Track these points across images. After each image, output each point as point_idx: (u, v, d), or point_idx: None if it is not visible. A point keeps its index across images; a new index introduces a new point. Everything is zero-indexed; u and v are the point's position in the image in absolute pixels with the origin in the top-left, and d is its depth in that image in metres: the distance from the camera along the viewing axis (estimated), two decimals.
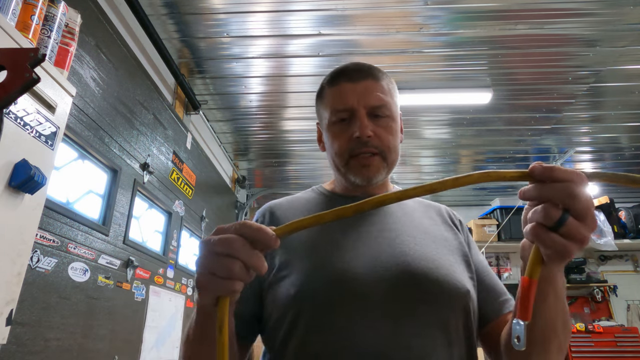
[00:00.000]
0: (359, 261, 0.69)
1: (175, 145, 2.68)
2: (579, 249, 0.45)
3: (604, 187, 4.81)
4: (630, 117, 3.37)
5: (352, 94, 0.77)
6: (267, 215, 0.83)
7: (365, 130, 0.74)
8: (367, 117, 0.76)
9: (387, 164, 0.79)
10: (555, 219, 0.44)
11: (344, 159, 0.78)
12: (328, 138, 0.81)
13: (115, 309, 1.86)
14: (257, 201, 5.19)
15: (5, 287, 0.97)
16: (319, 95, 0.86)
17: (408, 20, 2.36)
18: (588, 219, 0.44)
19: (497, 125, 3.53)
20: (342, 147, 0.77)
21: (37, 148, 1.07)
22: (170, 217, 2.59)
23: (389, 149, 0.78)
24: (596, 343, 4.05)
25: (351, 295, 0.66)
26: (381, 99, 0.77)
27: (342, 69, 0.82)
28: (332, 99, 0.80)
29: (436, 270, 0.68)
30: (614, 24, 2.38)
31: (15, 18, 1.06)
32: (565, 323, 0.59)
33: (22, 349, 1.29)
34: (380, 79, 0.80)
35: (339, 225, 0.76)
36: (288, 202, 0.87)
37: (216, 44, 2.57)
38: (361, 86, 0.78)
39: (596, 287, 4.70)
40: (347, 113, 0.77)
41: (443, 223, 0.81)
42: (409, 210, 0.81)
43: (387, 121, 0.78)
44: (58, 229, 1.49)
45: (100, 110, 1.81)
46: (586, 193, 0.44)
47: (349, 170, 0.78)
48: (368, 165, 0.76)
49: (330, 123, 0.80)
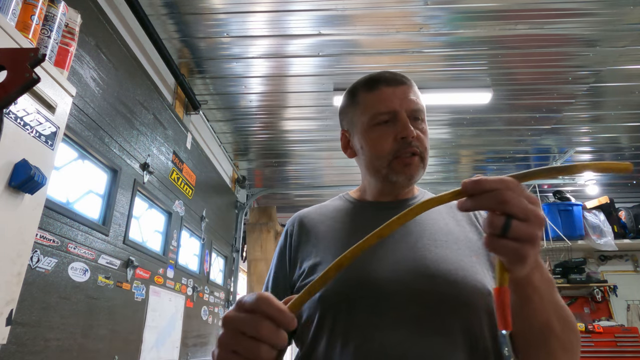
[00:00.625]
0: (380, 265, 0.71)
1: (175, 145, 2.68)
2: (532, 247, 0.46)
3: (604, 187, 4.81)
4: (630, 117, 3.37)
5: (393, 97, 0.81)
6: (297, 225, 0.86)
7: (411, 131, 0.77)
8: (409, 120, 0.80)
9: (424, 164, 0.82)
10: (500, 226, 0.45)
11: (387, 160, 0.80)
12: (366, 141, 0.83)
13: (115, 309, 1.86)
14: (257, 201, 5.19)
15: (5, 287, 0.97)
16: (352, 101, 0.87)
17: (408, 20, 2.36)
18: (530, 218, 0.45)
19: (497, 125, 3.53)
20: (386, 149, 0.79)
21: (37, 148, 1.07)
22: (170, 217, 2.59)
23: (427, 150, 0.82)
24: (596, 343, 4.05)
25: (373, 299, 0.68)
26: (418, 104, 0.82)
27: (378, 76, 0.85)
28: (373, 103, 0.82)
29: (455, 272, 0.70)
30: (614, 24, 2.38)
31: (15, 18, 1.06)
32: (562, 319, 0.59)
33: (22, 349, 1.29)
34: (412, 85, 0.85)
35: (364, 229, 0.78)
36: (316, 211, 0.90)
37: (216, 44, 2.57)
38: (400, 90, 0.82)
39: (596, 287, 4.70)
40: (389, 115, 0.80)
41: (468, 223, 0.83)
42: (432, 212, 0.82)
43: (422, 124, 0.82)
44: (58, 229, 1.49)
45: (100, 110, 1.81)
46: (520, 195, 0.46)
47: (391, 170, 0.80)
48: (410, 164, 0.79)
49: (370, 126, 0.82)
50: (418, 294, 0.68)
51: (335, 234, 0.81)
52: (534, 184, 4.51)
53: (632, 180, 4.67)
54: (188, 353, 2.74)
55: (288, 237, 0.86)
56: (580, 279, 4.62)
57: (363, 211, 0.86)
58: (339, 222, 0.84)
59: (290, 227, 0.87)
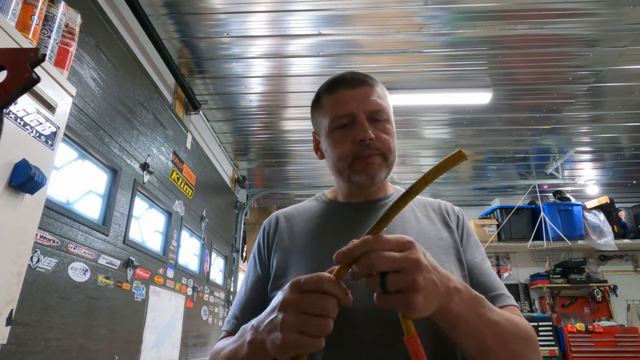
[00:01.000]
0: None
1: (175, 145, 2.68)
2: (415, 293, 0.47)
3: (604, 187, 4.81)
4: (630, 117, 3.37)
5: (351, 100, 0.81)
6: (272, 226, 0.88)
7: (367, 133, 0.77)
8: (367, 121, 0.80)
9: (388, 164, 0.82)
10: (377, 285, 0.48)
11: (347, 162, 0.80)
12: (329, 144, 0.83)
13: (115, 309, 1.85)
14: (257, 201, 5.19)
15: (5, 287, 0.96)
16: (316, 104, 0.88)
17: (408, 20, 2.36)
18: (402, 267, 0.47)
19: (497, 125, 3.53)
20: (346, 151, 0.80)
21: (37, 148, 1.07)
22: (170, 217, 2.59)
23: (389, 149, 0.81)
24: (596, 343, 4.05)
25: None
26: (378, 104, 0.81)
27: (338, 78, 0.85)
28: (332, 106, 0.82)
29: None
30: (614, 24, 2.38)
31: (15, 18, 1.06)
32: (498, 335, 0.58)
33: (22, 349, 1.29)
34: (375, 86, 0.84)
35: (336, 230, 0.81)
36: (292, 211, 0.91)
37: (216, 44, 2.57)
38: (359, 92, 0.81)
39: (596, 287, 4.70)
40: (348, 118, 0.80)
41: (440, 221, 0.84)
42: (405, 211, 0.84)
43: (384, 124, 0.82)
44: (58, 229, 1.49)
45: (100, 110, 1.81)
46: (384, 249, 0.48)
47: (352, 171, 0.80)
48: (371, 163, 0.79)
49: (331, 129, 0.82)
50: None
51: (308, 235, 0.82)
52: (534, 184, 4.51)
53: (632, 180, 4.67)
54: (188, 353, 2.74)
55: (265, 237, 0.87)
56: (580, 279, 4.62)
57: (335, 212, 0.87)
58: (312, 223, 0.85)
59: (267, 227, 0.89)
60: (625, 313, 4.71)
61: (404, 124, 3.52)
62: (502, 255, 5.11)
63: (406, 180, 4.69)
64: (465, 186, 4.91)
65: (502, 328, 0.59)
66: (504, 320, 0.60)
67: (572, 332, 4.12)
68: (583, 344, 4.07)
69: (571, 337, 4.11)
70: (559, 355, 4.06)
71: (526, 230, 4.65)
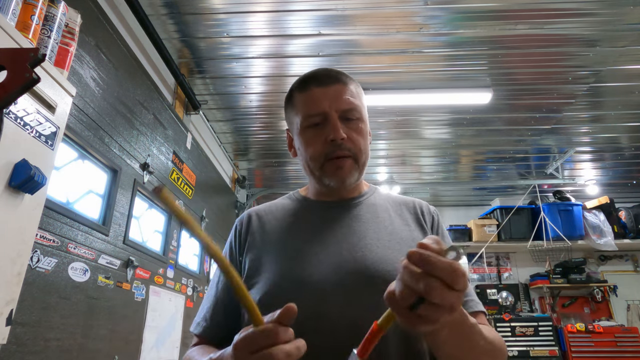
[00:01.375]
0: (320, 268, 0.72)
1: (175, 145, 2.68)
2: (429, 325, 0.45)
3: (604, 187, 4.81)
4: (630, 117, 3.36)
5: (323, 98, 0.78)
6: (245, 224, 0.86)
7: (339, 133, 0.76)
8: (339, 121, 0.78)
9: (359, 165, 0.80)
10: (408, 304, 0.44)
11: (319, 162, 0.79)
12: (301, 143, 0.82)
13: (115, 309, 1.85)
14: (257, 201, 5.19)
15: (5, 287, 0.96)
16: (288, 102, 0.86)
17: (408, 20, 2.36)
18: (444, 303, 0.43)
19: (497, 125, 3.53)
20: (317, 151, 0.78)
21: (37, 148, 1.07)
22: (171, 218, 2.59)
23: (361, 151, 0.79)
24: (596, 343, 4.05)
25: (313, 301, 0.68)
26: (351, 102, 0.79)
27: (311, 75, 0.83)
28: (304, 104, 0.81)
29: (395, 272, 0.69)
30: (614, 24, 2.38)
31: (15, 18, 1.06)
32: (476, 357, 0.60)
33: (22, 349, 1.29)
34: (348, 83, 0.82)
35: (308, 229, 0.80)
36: (265, 209, 0.89)
37: (216, 44, 2.57)
38: (332, 90, 0.79)
39: (596, 287, 4.70)
40: (320, 117, 0.78)
41: (414, 221, 0.83)
42: (379, 210, 0.83)
43: (357, 124, 0.80)
44: (58, 229, 1.49)
45: (100, 110, 1.81)
46: (439, 282, 0.42)
47: (323, 173, 0.79)
48: (342, 167, 0.78)
49: (303, 128, 0.80)
50: (357, 296, 0.68)
51: (280, 234, 0.81)
52: (534, 184, 4.51)
53: (632, 180, 4.67)
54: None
55: (237, 236, 0.85)
56: (580, 279, 4.62)
57: (308, 210, 0.86)
58: (285, 222, 0.84)
59: (239, 226, 0.87)
60: (625, 313, 4.71)
61: (404, 124, 3.52)
62: (502, 255, 5.11)
63: (406, 180, 4.69)
64: (465, 186, 4.91)
65: (480, 349, 0.60)
66: (482, 341, 0.61)
67: (572, 332, 4.12)
68: (583, 344, 4.07)
69: (571, 337, 4.11)
70: (559, 355, 4.07)
71: (526, 230, 4.65)
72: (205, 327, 0.79)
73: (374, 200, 0.86)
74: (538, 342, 4.14)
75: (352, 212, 0.82)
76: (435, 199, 5.34)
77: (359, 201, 0.85)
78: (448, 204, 5.47)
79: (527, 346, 4.13)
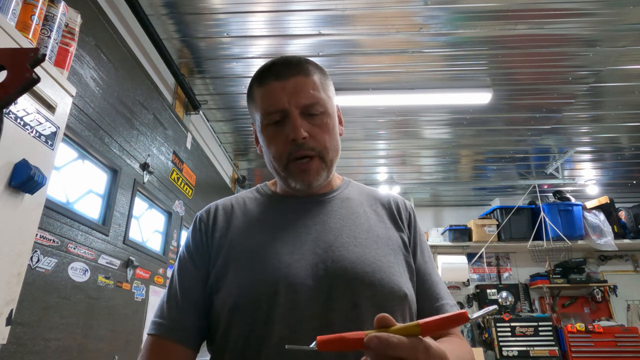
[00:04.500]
0: (296, 269, 0.67)
1: (175, 145, 2.68)
2: None
3: (604, 187, 4.81)
4: (630, 117, 3.36)
5: (281, 93, 0.72)
6: (212, 216, 0.80)
7: (299, 132, 0.70)
8: (301, 117, 0.72)
9: (326, 164, 0.75)
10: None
11: (282, 163, 0.74)
12: (263, 141, 0.76)
13: (115, 309, 1.86)
14: None
15: (5, 287, 0.96)
16: (249, 96, 0.79)
17: (408, 20, 2.36)
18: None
19: (497, 125, 3.53)
20: (279, 152, 0.73)
21: (37, 148, 1.07)
22: (170, 217, 2.59)
23: (327, 148, 0.74)
24: (596, 343, 4.06)
25: (287, 305, 0.64)
26: (313, 96, 0.72)
27: (269, 66, 0.75)
28: (262, 101, 0.74)
29: (372, 274, 0.67)
30: (614, 24, 2.38)
31: (15, 18, 1.06)
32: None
33: (22, 349, 1.29)
34: (310, 74, 0.74)
35: (281, 226, 0.75)
36: (231, 202, 0.83)
37: (216, 44, 2.57)
38: (290, 84, 0.72)
39: (596, 287, 4.71)
40: (279, 114, 0.72)
41: (389, 218, 0.80)
42: (354, 205, 0.79)
43: (321, 118, 0.74)
44: (58, 229, 1.49)
45: (100, 110, 1.81)
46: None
47: (289, 175, 0.74)
48: (308, 170, 0.73)
49: (263, 126, 0.75)
50: (334, 298, 0.65)
51: (251, 231, 0.75)
52: (534, 184, 4.51)
53: (632, 180, 4.67)
54: None
55: (202, 230, 0.78)
56: (580, 279, 4.62)
57: (276, 205, 0.80)
58: (255, 219, 0.78)
59: (204, 219, 0.79)
60: (625, 313, 4.71)
61: (404, 124, 3.52)
62: (502, 255, 5.11)
63: (406, 180, 4.69)
64: (465, 186, 4.91)
65: None
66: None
67: (572, 332, 4.12)
68: (583, 344, 4.07)
69: (571, 337, 4.11)
70: (559, 355, 4.07)
71: (526, 230, 4.65)
72: (166, 327, 0.71)
73: (347, 194, 0.82)
74: (538, 342, 4.14)
75: (326, 208, 0.77)
76: (435, 199, 5.34)
77: (333, 196, 0.80)
78: (448, 204, 5.47)
79: (527, 346, 4.13)
